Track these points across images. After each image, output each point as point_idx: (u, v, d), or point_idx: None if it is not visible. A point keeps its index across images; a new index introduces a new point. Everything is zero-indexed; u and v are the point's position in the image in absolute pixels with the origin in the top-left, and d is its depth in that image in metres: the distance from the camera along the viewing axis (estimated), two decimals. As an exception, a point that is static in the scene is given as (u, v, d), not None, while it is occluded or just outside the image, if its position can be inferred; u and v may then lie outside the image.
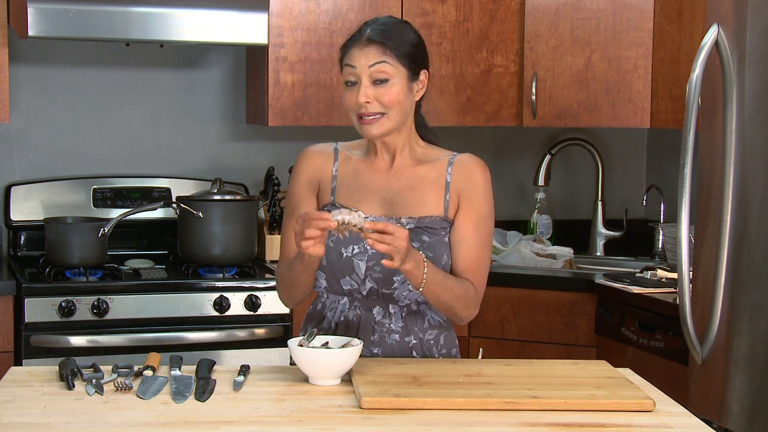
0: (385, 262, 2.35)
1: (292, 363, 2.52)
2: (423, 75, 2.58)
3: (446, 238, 2.58)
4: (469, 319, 2.61)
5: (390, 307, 2.60)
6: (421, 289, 2.45)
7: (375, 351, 2.59)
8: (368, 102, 2.50)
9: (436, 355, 2.63)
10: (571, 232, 4.63)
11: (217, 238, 3.90)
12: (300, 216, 2.36)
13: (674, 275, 3.64)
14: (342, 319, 2.61)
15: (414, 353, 2.60)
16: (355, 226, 2.33)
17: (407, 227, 2.53)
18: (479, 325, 3.92)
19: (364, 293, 2.58)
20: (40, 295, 3.61)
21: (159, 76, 4.36)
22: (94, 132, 4.30)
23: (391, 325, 2.59)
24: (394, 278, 2.55)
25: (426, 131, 2.69)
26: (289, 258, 2.63)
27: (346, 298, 2.61)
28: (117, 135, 4.32)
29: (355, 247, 2.56)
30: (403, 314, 2.60)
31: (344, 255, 2.55)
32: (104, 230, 3.80)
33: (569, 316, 3.86)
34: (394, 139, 2.59)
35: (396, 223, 2.52)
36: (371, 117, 2.52)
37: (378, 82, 2.51)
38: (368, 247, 2.54)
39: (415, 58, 2.55)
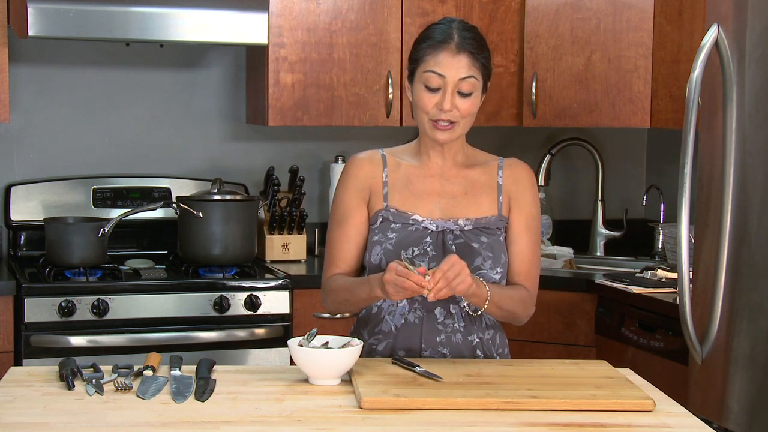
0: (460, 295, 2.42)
1: (292, 363, 2.52)
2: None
3: (502, 237, 2.62)
4: (527, 319, 2.66)
5: (450, 308, 2.60)
6: (485, 307, 2.49)
7: (444, 351, 2.59)
8: (450, 110, 2.53)
9: (495, 355, 2.65)
10: (571, 232, 4.62)
11: (217, 238, 3.90)
12: (395, 269, 2.37)
13: (674, 275, 3.64)
14: (403, 321, 2.61)
15: (478, 352, 2.62)
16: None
17: (465, 228, 2.58)
18: (479, 325, 3.91)
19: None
20: (40, 295, 3.61)
21: (159, 76, 4.35)
22: (94, 132, 4.29)
23: (455, 324, 2.60)
24: None
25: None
26: (337, 264, 2.65)
27: (405, 301, 2.60)
28: (117, 135, 4.32)
29: (415, 249, 2.58)
30: (464, 314, 2.61)
31: (403, 257, 2.52)
32: (104, 230, 3.80)
33: (569, 316, 3.86)
34: (453, 144, 2.63)
35: (454, 225, 2.58)
36: (447, 124, 2.55)
37: (461, 94, 2.53)
38: (428, 249, 2.57)
39: (490, 73, 2.60)
